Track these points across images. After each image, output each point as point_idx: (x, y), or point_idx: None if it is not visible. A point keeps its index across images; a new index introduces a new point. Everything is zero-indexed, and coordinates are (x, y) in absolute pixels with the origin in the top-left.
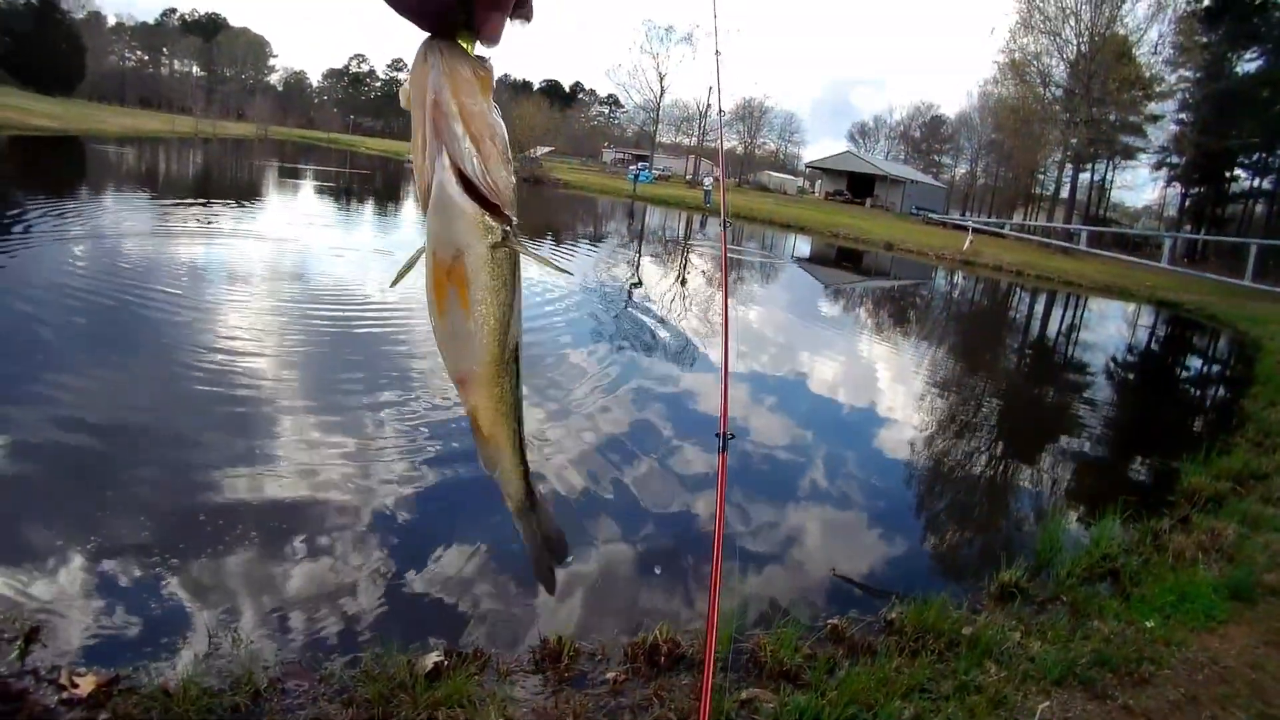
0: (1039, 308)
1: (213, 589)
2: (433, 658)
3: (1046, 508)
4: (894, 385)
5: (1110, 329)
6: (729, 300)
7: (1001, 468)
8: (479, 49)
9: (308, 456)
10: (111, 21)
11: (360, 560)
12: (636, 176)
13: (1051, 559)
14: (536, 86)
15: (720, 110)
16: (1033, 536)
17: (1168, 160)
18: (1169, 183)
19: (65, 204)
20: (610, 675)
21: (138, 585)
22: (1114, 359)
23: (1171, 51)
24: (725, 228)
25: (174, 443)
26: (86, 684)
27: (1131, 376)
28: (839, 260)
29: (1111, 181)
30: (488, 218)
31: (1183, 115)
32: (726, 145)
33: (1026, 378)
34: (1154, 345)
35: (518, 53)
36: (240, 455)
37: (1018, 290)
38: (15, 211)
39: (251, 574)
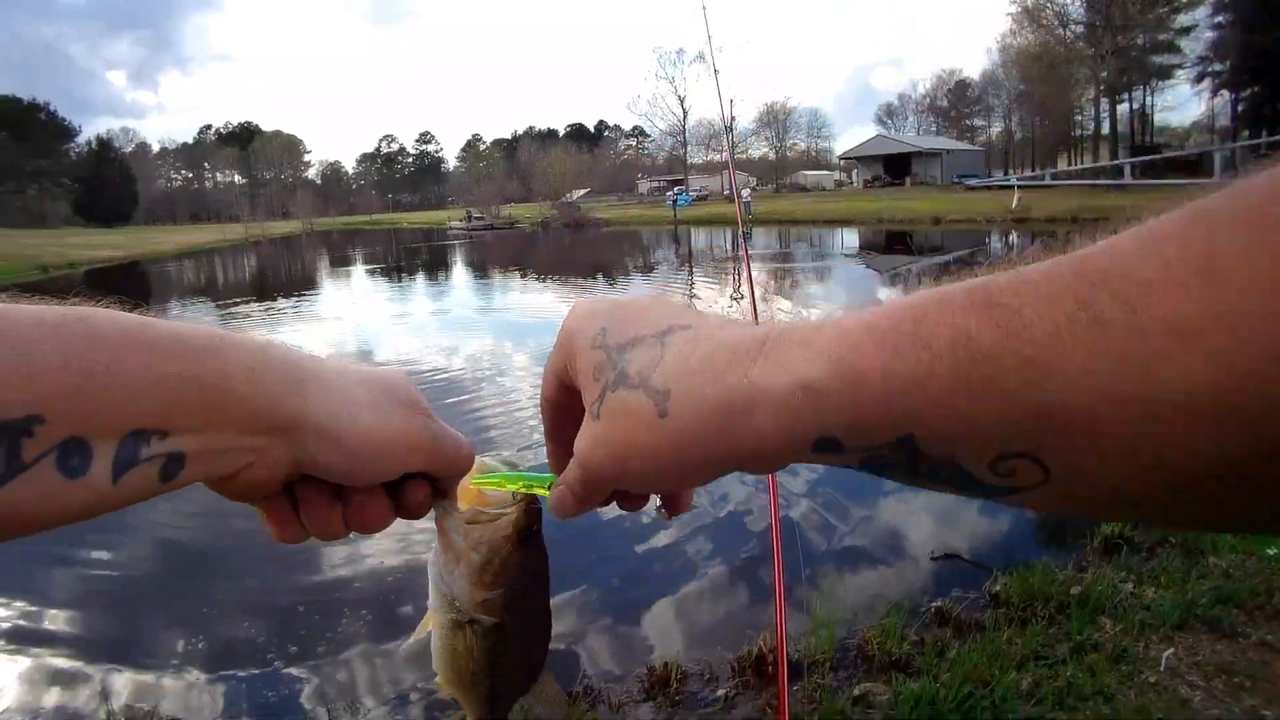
0: None
1: (325, 668)
2: None
3: None
4: None
5: None
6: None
7: None
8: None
9: (394, 528)
10: (156, 149)
11: None
12: (675, 201)
13: None
14: (562, 132)
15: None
16: None
17: (1210, 69)
18: (1215, 92)
19: None
20: (721, 692)
21: (255, 675)
22: None
23: None
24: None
25: (263, 538)
26: None
27: None
28: (889, 245)
29: (1153, 106)
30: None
31: (1219, 19)
32: (756, 154)
33: None
34: None
35: (540, 103)
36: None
37: (1076, 239)
38: None
39: (360, 648)
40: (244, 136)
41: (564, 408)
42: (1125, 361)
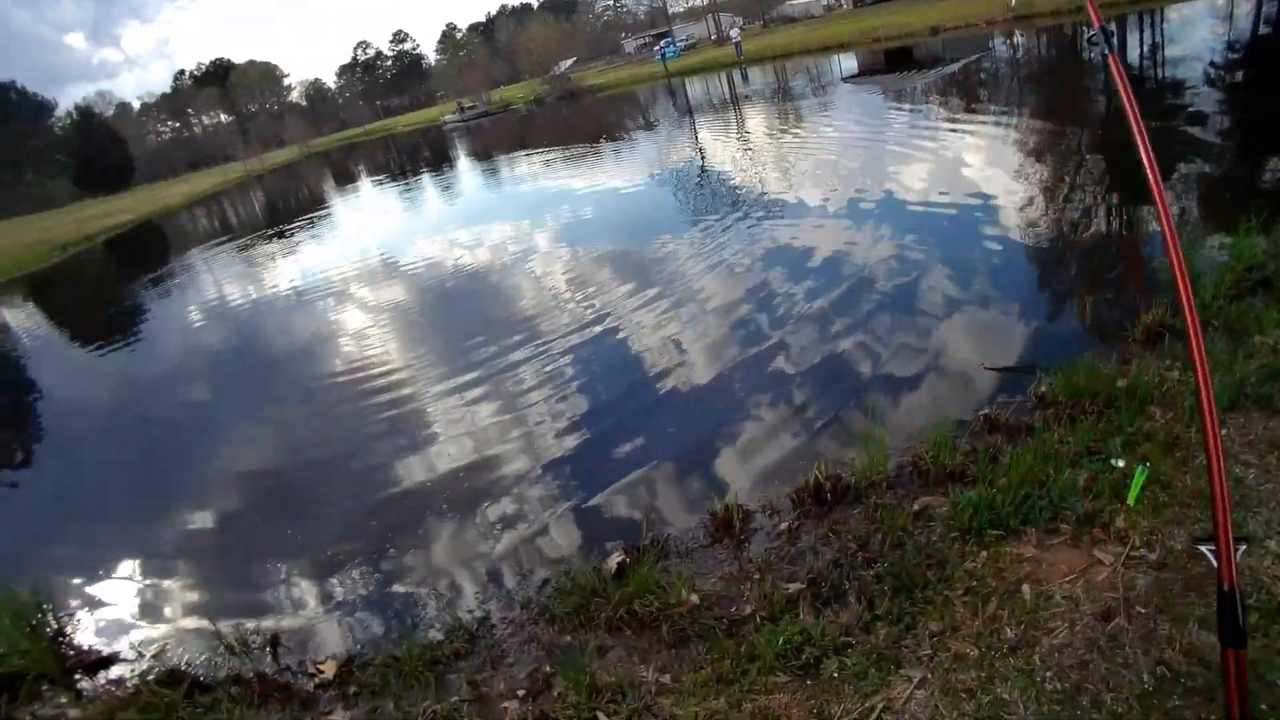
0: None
1: (409, 564)
2: (615, 559)
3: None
4: (988, 166)
5: (1201, 31)
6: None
7: (1120, 216)
8: None
9: (463, 425)
10: (136, 105)
11: (533, 496)
12: (664, 55)
13: (1192, 286)
14: (537, 5)
15: None
16: (1167, 273)
17: None
18: None
19: (167, 276)
20: (784, 525)
21: (347, 579)
22: (1213, 63)
23: None
24: None
25: (342, 448)
26: (330, 668)
27: (1239, 75)
28: (889, 63)
29: None
30: None
31: None
32: None
33: (1123, 116)
34: (1261, 29)
35: None
36: (403, 446)
37: (1084, 29)
38: (133, 293)
39: (441, 539)
40: (219, 74)
41: None
42: None
